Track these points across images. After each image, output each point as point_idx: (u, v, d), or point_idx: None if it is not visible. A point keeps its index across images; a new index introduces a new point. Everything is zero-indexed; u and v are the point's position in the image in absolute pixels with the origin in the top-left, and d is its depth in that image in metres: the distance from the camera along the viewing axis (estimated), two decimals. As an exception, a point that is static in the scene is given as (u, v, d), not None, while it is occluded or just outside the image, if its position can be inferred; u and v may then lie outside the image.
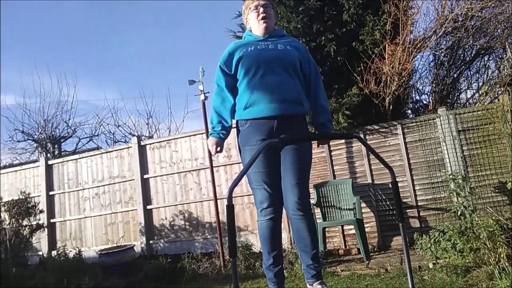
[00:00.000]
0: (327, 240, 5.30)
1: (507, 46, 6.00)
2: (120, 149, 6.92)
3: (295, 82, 2.26)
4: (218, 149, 2.34)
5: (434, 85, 7.02)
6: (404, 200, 5.09)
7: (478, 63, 7.29)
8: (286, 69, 2.23)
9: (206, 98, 5.47)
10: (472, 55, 7.08)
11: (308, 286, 2.24)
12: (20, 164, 9.72)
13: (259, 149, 1.90)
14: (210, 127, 2.39)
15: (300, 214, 2.16)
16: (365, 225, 5.05)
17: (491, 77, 6.89)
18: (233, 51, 2.32)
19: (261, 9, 2.36)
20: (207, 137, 5.47)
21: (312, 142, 2.48)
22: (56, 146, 10.69)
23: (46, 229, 6.75)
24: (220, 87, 2.35)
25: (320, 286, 2.18)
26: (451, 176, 4.65)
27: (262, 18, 2.35)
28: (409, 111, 7.23)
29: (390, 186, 2.45)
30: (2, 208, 6.16)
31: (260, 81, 2.21)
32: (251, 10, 2.39)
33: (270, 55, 2.26)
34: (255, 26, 2.39)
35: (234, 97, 2.33)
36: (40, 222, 6.45)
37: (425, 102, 7.29)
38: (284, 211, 2.29)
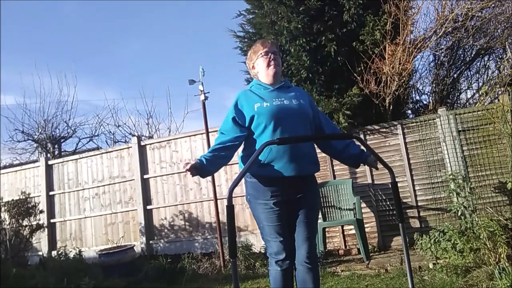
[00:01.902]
0: (327, 240, 5.30)
1: (507, 46, 6.00)
2: (120, 149, 6.92)
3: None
4: (188, 167, 2.16)
5: (434, 85, 7.02)
6: (404, 200, 5.09)
7: (478, 63, 7.29)
8: (304, 126, 2.27)
9: (206, 98, 5.46)
10: (472, 55, 7.08)
11: None
12: (20, 164, 9.73)
13: (259, 149, 1.90)
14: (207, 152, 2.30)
15: (308, 267, 2.24)
16: (365, 225, 5.05)
17: (491, 77, 6.89)
18: (245, 103, 2.30)
19: (272, 56, 2.37)
20: (207, 137, 5.52)
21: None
22: (56, 146, 10.68)
23: (46, 229, 6.76)
24: (227, 141, 2.27)
25: None
26: (451, 176, 4.65)
27: (272, 65, 2.36)
28: (409, 111, 7.22)
29: (390, 186, 2.46)
30: (2, 208, 6.16)
31: (280, 137, 2.18)
32: (261, 55, 2.39)
33: (286, 111, 2.25)
34: (264, 73, 2.39)
35: (238, 145, 2.30)
36: (40, 222, 6.45)
37: (425, 102, 7.29)
38: None
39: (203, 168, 2.19)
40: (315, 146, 2.40)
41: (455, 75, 7.13)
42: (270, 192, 2.22)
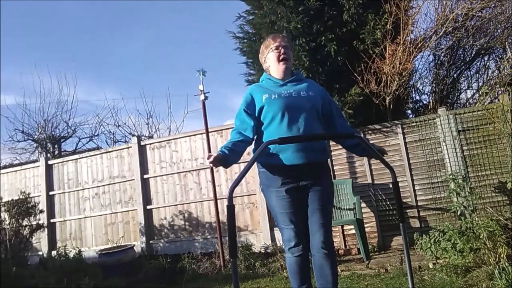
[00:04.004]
0: (327, 240, 5.30)
1: (507, 46, 6.00)
2: (120, 149, 6.92)
3: (319, 129, 2.33)
4: (211, 159, 2.17)
5: (434, 85, 7.03)
6: (404, 200, 5.09)
7: (478, 63, 7.31)
8: (311, 116, 2.29)
9: (206, 98, 5.46)
10: (472, 55, 7.09)
11: None
12: (20, 164, 9.72)
13: (259, 150, 1.91)
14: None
15: (325, 253, 2.26)
16: (365, 225, 5.05)
17: (491, 77, 6.90)
18: (255, 96, 2.36)
19: (282, 50, 2.40)
20: (207, 137, 5.52)
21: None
22: (56, 146, 10.67)
23: (46, 229, 6.75)
24: (242, 126, 2.35)
25: None
26: (451, 176, 4.65)
27: (283, 60, 2.39)
28: (409, 111, 7.24)
29: (391, 186, 2.46)
30: (2, 208, 6.15)
31: (287, 129, 2.24)
32: (272, 50, 2.42)
33: (295, 103, 2.29)
34: (274, 67, 2.43)
35: (253, 136, 2.37)
36: (40, 222, 6.44)
37: (425, 102, 7.30)
38: None
39: (227, 159, 2.24)
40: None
41: (455, 75, 7.14)
42: (280, 180, 2.26)
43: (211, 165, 2.18)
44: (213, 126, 6.15)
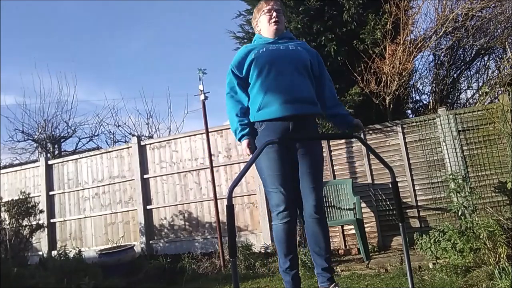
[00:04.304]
0: (327, 240, 5.29)
1: (507, 46, 6.00)
2: (120, 149, 6.92)
3: (307, 82, 2.30)
4: (249, 151, 2.28)
5: (434, 85, 7.02)
6: (404, 200, 5.09)
7: (478, 63, 7.30)
8: (298, 69, 2.27)
9: (206, 98, 5.46)
10: (472, 55, 7.09)
11: None
12: (20, 164, 9.72)
13: (259, 149, 1.91)
14: (234, 132, 2.35)
15: (317, 217, 2.23)
16: (365, 225, 5.05)
17: (491, 77, 6.89)
18: (245, 55, 2.36)
19: (274, 13, 2.41)
20: (207, 137, 5.52)
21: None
22: (56, 146, 10.67)
23: (46, 229, 6.75)
24: (233, 89, 2.37)
25: None
26: (451, 176, 4.65)
27: (274, 22, 2.40)
28: (409, 111, 7.23)
29: (390, 186, 2.46)
30: (2, 208, 6.15)
31: (272, 82, 2.24)
32: (264, 12, 2.43)
33: (281, 55, 2.30)
34: (266, 28, 2.44)
35: (247, 99, 2.37)
36: (40, 222, 6.44)
37: (425, 102, 7.30)
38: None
39: (254, 134, 2.30)
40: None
41: (455, 75, 7.14)
42: (272, 138, 2.19)
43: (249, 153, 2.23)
44: (213, 126, 6.15)
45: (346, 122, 2.39)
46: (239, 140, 2.31)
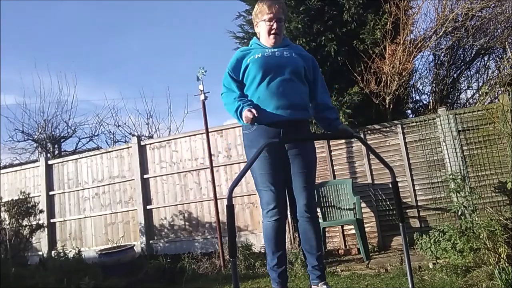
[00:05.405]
0: (327, 240, 5.30)
1: (507, 46, 6.00)
2: (120, 149, 6.92)
3: (300, 88, 2.33)
4: (256, 114, 2.16)
5: (434, 85, 7.02)
6: (404, 200, 5.09)
7: (478, 63, 7.30)
8: (292, 75, 2.30)
9: (206, 98, 5.46)
10: (472, 55, 7.09)
11: (312, 287, 2.30)
12: (20, 164, 9.71)
13: (259, 150, 1.91)
14: (236, 111, 2.26)
15: (307, 217, 2.27)
16: (365, 225, 5.05)
17: (491, 77, 6.89)
18: (241, 58, 2.38)
19: (275, 25, 2.38)
20: (207, 137, 5.52)
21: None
22: (56, 146, 10.68)
23: (46, 229, 6.75)
24: (229, 89, 2.39)
25: (325, 287, 2.26)
26: (451, 176, 4.65)
27: (274, 34, 2.39)
28: (409, 111, 7.23)
29: (390, 186, 2.46)
30: (2, 208, 6.15)
31: (266, 87, 2.27)
32: (265, 20, 2.40)
33: (276, 62, 2.32)
34: (264, 37, 2.44)
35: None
36: (40, 222, 6.44)
37: (425, 102, 7.29)
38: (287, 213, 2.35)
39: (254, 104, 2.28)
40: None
41: (455, 75, 7.14)
42: (262, 141, 2.17)
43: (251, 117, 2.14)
44: (213, 126, 6.15)
45: (332, 126, 2.41)
46: (243, 108, 2.20)
